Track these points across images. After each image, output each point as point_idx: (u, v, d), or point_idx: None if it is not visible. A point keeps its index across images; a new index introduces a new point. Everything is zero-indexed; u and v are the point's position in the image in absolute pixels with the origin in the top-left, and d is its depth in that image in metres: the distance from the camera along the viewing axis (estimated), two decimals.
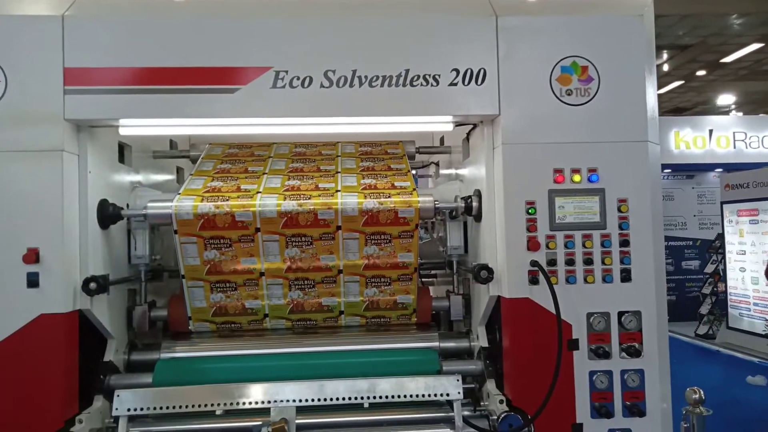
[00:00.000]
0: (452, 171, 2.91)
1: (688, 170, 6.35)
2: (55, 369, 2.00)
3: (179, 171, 3.12)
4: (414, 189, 2.32)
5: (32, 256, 1.99)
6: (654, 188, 2.18)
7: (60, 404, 2.00)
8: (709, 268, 5.22)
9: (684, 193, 6.42)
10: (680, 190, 6.40)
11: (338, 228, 2.25)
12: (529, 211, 2.12)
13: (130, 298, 2.43)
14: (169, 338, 2.43)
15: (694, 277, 6.25)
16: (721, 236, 5.02)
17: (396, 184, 2.36)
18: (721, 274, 5.04)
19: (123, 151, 2.46)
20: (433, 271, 2.91)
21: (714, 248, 5.16)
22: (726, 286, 4.91)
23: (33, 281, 1.99)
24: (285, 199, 2.23)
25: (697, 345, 5.32)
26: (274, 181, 2.37)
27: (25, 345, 1.98)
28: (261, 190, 2.28)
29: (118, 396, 2.04)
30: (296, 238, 2.26)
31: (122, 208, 2.26)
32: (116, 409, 2.03)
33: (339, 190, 2.29)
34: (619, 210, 2.14)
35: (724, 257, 4.95)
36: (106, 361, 2.21)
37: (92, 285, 2.04)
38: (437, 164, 3.19)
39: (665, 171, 6.19)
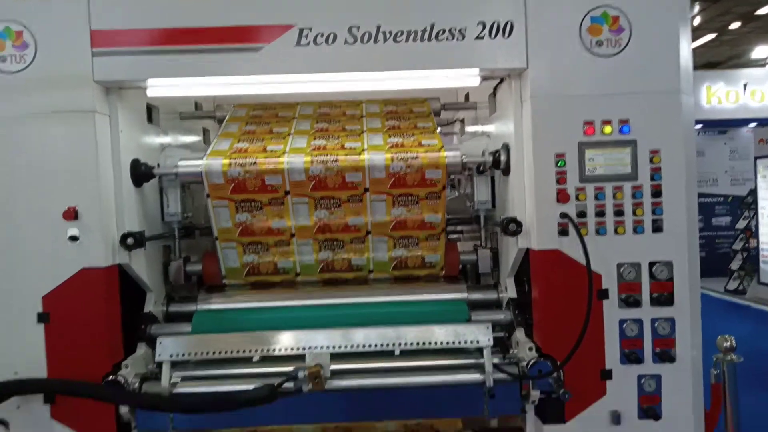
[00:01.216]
0: (478, 128, 2.89)
1: (720, 126, 6.18)
2: (100, 318, 2.10)
3: (205, 132, 3.17)
4: (441, 147, 2.31)
5: (71, 214, 2.06)
6: (687, 139, 2.13)
7: (107, 350, 2.11)
8: (741, 224, 5.14)
9: (715, 149, 6.27)
10: (711, 146, 6.25)
11: (366, 190, 2.27)
12: (559, 163, 2.10)
13: (165, 253, 2.51)
14: (205, 291, 2.51)
15: (725, 233, 6.16)
16: (753, 192, 4.91)
17: (423, 142, 2.35)
18: (753, 229, 4.95)
19: (151, 113, 2.50)
20: (459, 227, 2.92)
21: (746, 204, 5.07)
22: (758, 242, 4.84)
23: (74, 237, 2.07)
24: (312, 159, 2.24)
25: (727, 300, 5.29)
26: (300, 141, 2.38)
27: (70, 296, 2.08)
28: (287, 150, 2.30)
29: (160, 343, 2.14)
30: (325, 200, 2.29)
31: (154, 167, 2.31)
32: (159, 354, 2.13)
33: (366, 149, 2.29)
34: (651, 161, 2.11)
35: (756, 213, 4.86)
36: (146, 312, 2.31)
37: (129, 240, 2.12)
38: (462, 121, 3.16)
39: (696, 127, 6.05)
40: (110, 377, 2.07)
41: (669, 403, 2.15)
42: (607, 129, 2.10)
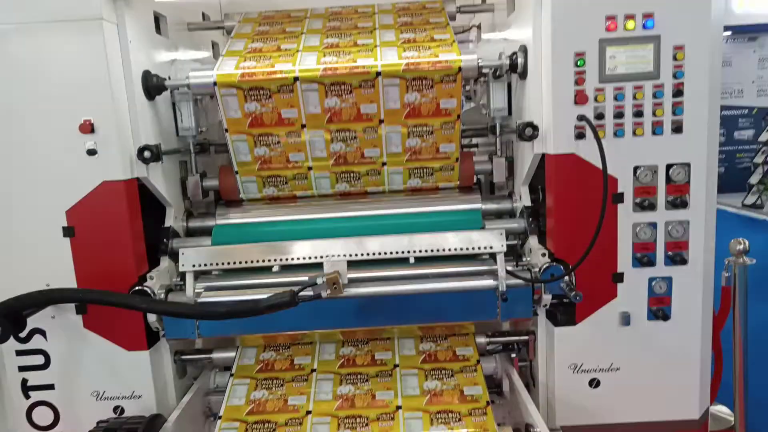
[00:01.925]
0: (495, 35, 2.78)
1: (750, 32, 5.83)
2: (124, 231, 2.16)
3: (214, 46, 3.11)
4: (458, 54, 2.24)
5: (87, 127, 2.07)
6: (714, 34, 2.04)
7: (132, 262, 2.18)
8: (764, 137, 4.98)
9: (743, 57, 5.95)
10: (739, 54, 5.94)
11: (381, 122, 2.25)
12: (578, 63, 2.03)
13: (182, 169, 2.54)
14: (223, 206, 2.56)
15: (746, 147, 5.98)
16: None
17: (440, 56, 2.27)
18: None
19: (159, 23, 2.45)
20: (475, 140, 2.90)
21: None
22: None
23: (92, 150, 2.09)
24: (324, 85, 2.19)
25: (744, 216, 5.23)
26: (310, 58, 2.31)
27: (93, 210, 2.13)
28: (297, 72, 2.21)
29: (182, 254, 2.21)
30: (340, 132, 2.28)
31: (165, 79, 2.29)
32: (182, 265, 2.20)
33: (379, 73, 2.19)
34: (675, 58, 2.02)
35: None
36: (167, 227, 2.37)
37: (146, 153, 2.14)
38: (479, 27, 3.05)
39: (724, 34, 5.73)
40: (137, 288, 2.16)
41: (678, 304, 2.20)
42: (630, 24, 2.00)
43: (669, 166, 2.09)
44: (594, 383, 2.27)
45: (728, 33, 5.74)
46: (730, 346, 2.52)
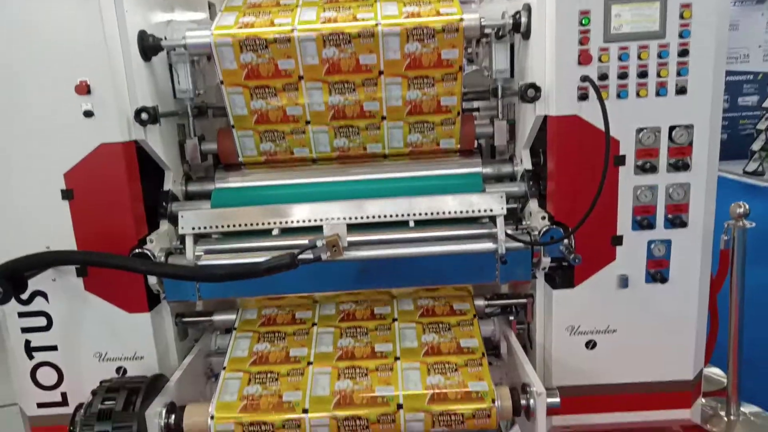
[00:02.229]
0: None
1: None
2: (123, 194, 2.15)
3: (211, 7, 3.04)
4: (460, 12, 2.19)
5: (84, 88, 2.05)
6: None
7: (132, 225, 2.18)
8: None
9: (751, 20, 5.83)
10: (747, 17, 5.81)
11: (380, 73, 2.20)
12: (583, 21, 1.99)
13: (180, 132, 2.52)
14: (222, 170, 2.54)
15: (750, 113, 5.91)
16: None
17: (441, 10, 2.22)
18: None
19: None
20: (476, 104, 2.86)
21: None
22: None
23: (88, 112, 2.07)
24: (322, 35, 2.14)
25: (744, 182, 5.22)
26: (309, 13, 2.27)
27: (91, 173, 2.12)
28: (296, 25, 2.18)
29: (182, 216, 2.20)
30: (339, 84, 2.24)
31: (161, 39, 2.24)
32: (182, 228, 2.20)
33: (379, 24, 2.17)
34: (681, 16, 1.98)
35: None
36: (165, 190, 2.36)
37: (144, 115, 2.11)
38: None
39: None
40: (137, 250, 2.17)
41: (677, 267, 2.21)
42: None
43: (672, 128, 2.07)
44: (590, 345, 2.30)
45: None
46: (727, 309, 2.55)
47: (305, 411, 1.99)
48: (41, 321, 2.28)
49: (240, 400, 2.04)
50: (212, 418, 1.99)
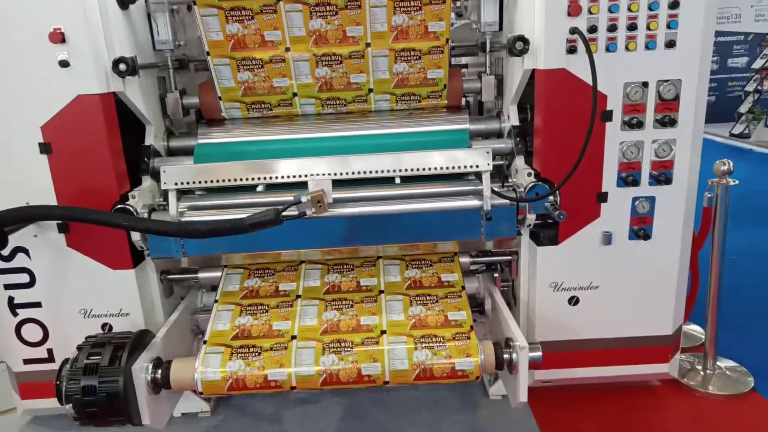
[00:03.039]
0: None
1: None
2: (102, 147, 2.10)
3: None
4: None
5: (58, 36, 1.97)
6: None
7: (113, 180, 2.15)
8: (758, 64, 4.92)
9: None
10: None
11: (367, 45, 2.17)
12: None
13: (161, 86, 2.45)
14: (204, 126, 2.49)
15: (739, 75, 5.90)
16: None
17: None
18: None
19: None
20: (464, 60, 2.81)
21: (767, 41, 4.79)
22: None
23: (64, 62, 2.00)
24: (309, 6, 2.08)
25: (730, 145, 5.25)
26: None
27: (69, 125, 2.07)
28: None
29: (164, 171, 2.16)
30: (326, 57, 2.20)
31: None
32: (164, 183, 2.17)
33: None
34: None
35: None
36: (147, 145, 2.32)
37: (122, 66, 2.05)
38: None
39: None
40: (119, 206, 2.13)
41: (660, 224, 2.23)
42: None
43: (660, 83, 2.06)
44: (573, 301, 2.33)
45: None
46: (707, 267, 2.59)
47: (293, 388, 1.98)
48: (24, 278, 2.25)
49: (223, 379, 1.99)
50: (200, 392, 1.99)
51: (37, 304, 2.29)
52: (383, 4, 2.10)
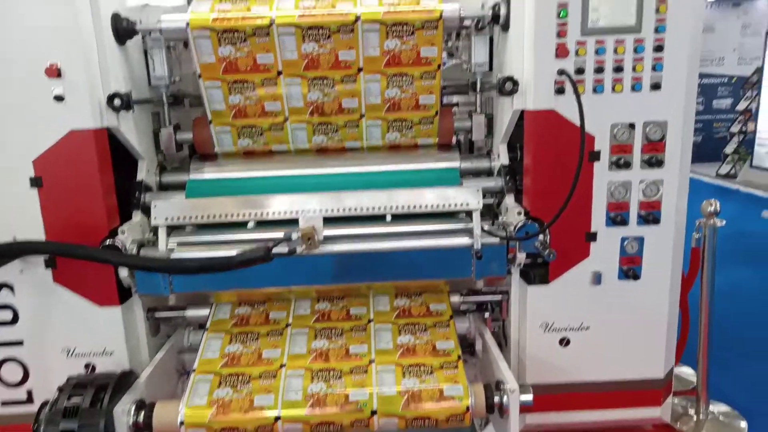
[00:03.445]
0: None
1: None
2: (93, 182, 2.10)
3: None
4: (440, 7, 2.18)
5: (54, 71, 1.99)
6: None
7: (103, 215, 2.13)
8: (742, 106, 5.04)
9: (727, 24, 5.95)
10: (723, 20, 5.93)
11: (360, 70, 2.20)
12: (561, 14, 2.00)
13: (155, 121, 2.47)
14: (197, 161, 2.50)
15: (724, 116, 6.05)
16: (760, 70, 4.76)
17: (422, 2, 2.21)
18: (753, 111, 4.87)
19: None
20: (455, 98, 2.86)
21: (750, 84, 4.93)
22: (756, 124, 4.78)
23: (59, 97, 2.01)
24: (302, 28, 2.11)
25: (717, 185, 5.33)
26: (287, 2, 2.24)
27: (61, 160, 2.06)
28: (274, 16, 2.14)
29: (155, 206, 2.16)
30: (318, 81, 2.22)
31: (136, 23, 2.19)
32: (155, 218, 2.16)
33: (359, 18, 2.13)
34: (657, 11, 2.01)
35: (759, 93, 4.75)
36: (139, 180, 2.31)
37: (116, 101, 2.06)
38: None
39: (708, 0, 5.70)
40: (108, 241, 2.11)
41: (649, 264, 2.23)
42: None
43: (646, 124, 2.10)
44: (564, 342, 2.31)
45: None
46: (697, 309, 2.58)
47: (278, 418, 1.94)
48: (7, 315, 2.21)
49: (210, 405, 1.96)
50: (182, 423, 1.93)
51: (19, 343, 2.23)
52: (376, 29, 2.13)
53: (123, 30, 2.14)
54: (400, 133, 2.41)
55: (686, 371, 2.99)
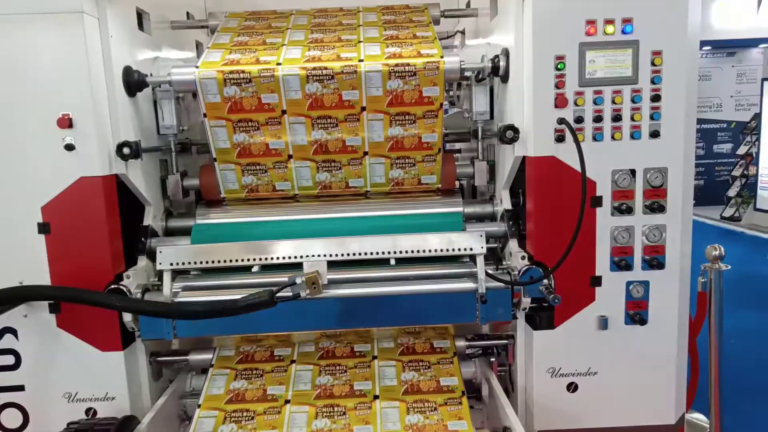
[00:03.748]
0: (479, 41, 2.81)
1: (729, 47, 5.96)
2: (101, 229, 2.12)
3: (198, 46, 3.10)
4: (441, 55, 2.26)
5: (66, 122, 2.04)
6: (691, 39, 2.08)
7: (109, 260, 2.15)
8: (742, 150, 5.10)
9: (722, 72, 6.09)
10: (719, 69, 6.07)
11: (363, 109, 2.25)
12: (558, 66, 2.06)
13: (162, 168, 2.52)
14: (203, 206, 2.53)
15: (725, 161, 6.11)
16: (758, 116, 4.84)
17: (422, 51, 2.29)
18: (754, 155, 4.92)
19: (141, 19, 2.43)
20: (457, 145, 2.92)
21: (749, 129, 5.00)
22: (758, 168, 4.82)
23: (69, 146, 2.06)
24: (306, 70, 2.19)
25: (722, 228, 5.34)
26: (294, 51, 2.33)
27: (69, 206, 2.09)
28: (281, 61, 2.24)
29: (160, 252, 2.17)
30: (322, 120, 2.27)
31: (147, 76, 2.27)
32: (160, 263, 2.17)
33: (362, 60, 2.23)
34: (653, 63, 2.07)
35: (759, 138, 4.80)
36: (145, 226, 2.34)
37: (126, 150, 2.11)
38: (463, 32, 3.08)
39: (704, 49, 5.85)
40: (113, 286, 2.12)
41: (655, 309, 2.22)
42: (610, 29, 2.04)
43: (646, 171, 2.12)
44: (572, 387, 2.27)
45: (708, 48, 5.88)
46: (706, 353, 2.55)
47: None
48: (9, 359, 2.20)
49: None
50: None
51: (20, 388, 2.21)
52: (378, 70, 2.19)
53: (134, 82, 2.21)
54: (403, 170, 2.43)
55: (698, 417, 2.93)
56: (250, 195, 2.45)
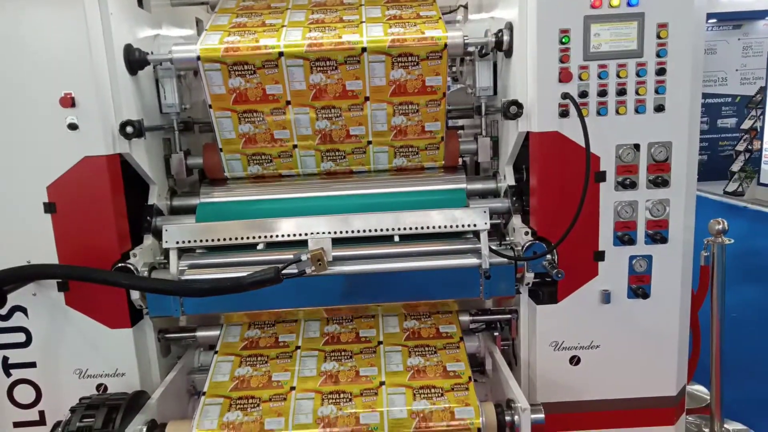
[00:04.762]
0: (482, 15, 2.78)
1: (735, 19, 5.86)
2: (106, 207, 2.14)
3: (198, 23, 3.07)
4: (445, 35, 2.23)
5: (68, 101, 2.04)
6: (697, 11, 2.05)
7: (115, 239, 2.16)
8: (746, 124, 5.06)
9: (728, 45, 6.00)
10: (724, 42, 5.98)
11: (366, 99, 2.24)
12: (563, 40, 2.04)
13: (165, 147, 2.52)
14: (207, 185, 2.54)
15: (729, 135, 6.06)
16: (763, 89, 4.79)
17: (426, 33, 2.26)
18: (759, 130, 4.89)
19: None
20: (460, 122, 2.90)
21: (754, 103, 4.96)
22: (762, 142, 4.79)
23: (73, 125, 2.07)
24: (309, 61, 2.17)
25: (725, 203, 5.33)
26: (295, 33, 2.30)
27: (74, 186, 2.11)
28: (281, 46, 2.20)
29: (166, 230, 2.19)
30: (326, 110, 2.27)
31: (148, 54, 2.26)
32: (166, 242, 2.19)
33: (365, 48, 2.18)
34: (658, 36, 2.04)
35: (764, 112, 4.77)
36: (150, 205, 2.35)
37: (129, 129, 2.11)
38: (466, 7, 3.04)
39: (709, 21, 5.75)
40: (120, 265, 2.15)
41: (658, 283, 2.23)
42: (615, 1, 2.01)
43: (651, 145, 2.12)
44: (574, 360, 2.30)
45: (713, 21, 5.78)
46: (708, 326, 2.57)
47: None
48: (20, 337, 2.23)
49: (220, 428, 1.97)
50: None
51: (32, 364, 2.25)
52: (382, 60, 2.19)
53: (135, 61, 2.20)
54: (407, 158, 2.46)
55: (699, 389, 2.97)
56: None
